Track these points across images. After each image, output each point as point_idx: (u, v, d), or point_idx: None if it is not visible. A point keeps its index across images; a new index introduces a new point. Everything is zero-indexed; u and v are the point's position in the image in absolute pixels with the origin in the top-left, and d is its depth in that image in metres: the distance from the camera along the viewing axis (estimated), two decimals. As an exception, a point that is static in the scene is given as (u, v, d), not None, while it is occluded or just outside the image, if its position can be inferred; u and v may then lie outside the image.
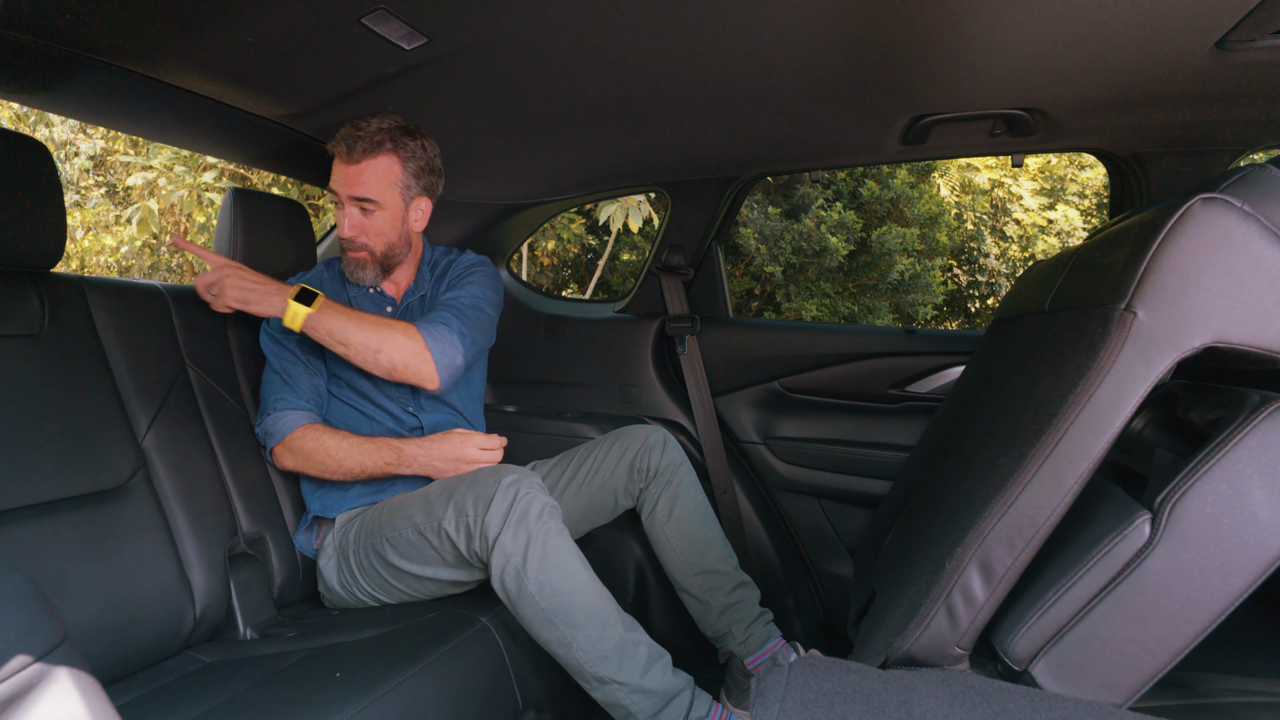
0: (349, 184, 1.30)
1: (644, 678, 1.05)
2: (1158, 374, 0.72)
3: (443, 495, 1.15)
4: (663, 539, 1.38)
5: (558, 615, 1.04)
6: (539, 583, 1.04)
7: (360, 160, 1.28)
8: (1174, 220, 0.72)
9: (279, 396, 1.29)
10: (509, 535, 1.05)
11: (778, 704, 0.73)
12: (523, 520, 1.06)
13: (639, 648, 1.07)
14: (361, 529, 1.26)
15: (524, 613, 1.06)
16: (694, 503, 1.40)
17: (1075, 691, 0.76)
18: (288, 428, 1.28)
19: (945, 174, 6.69)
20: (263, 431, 1.30)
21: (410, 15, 1.00)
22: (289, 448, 1.28)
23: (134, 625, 1.04)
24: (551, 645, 1.06)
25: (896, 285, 6.32)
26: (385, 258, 1.37)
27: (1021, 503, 0.77)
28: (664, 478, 1.39)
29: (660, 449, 1.41)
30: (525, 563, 1.04)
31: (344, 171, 1.30)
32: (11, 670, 0.50)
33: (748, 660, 1.31)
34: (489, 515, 1.07)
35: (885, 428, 1.68)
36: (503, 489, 1.08)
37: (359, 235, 1.32)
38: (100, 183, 5.84)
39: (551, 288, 6.81)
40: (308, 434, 1.28)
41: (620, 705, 1.05)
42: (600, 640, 1.04)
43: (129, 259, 5.73)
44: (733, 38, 1.04)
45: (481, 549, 1.08)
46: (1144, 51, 1.02)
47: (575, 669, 1.06)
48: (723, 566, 1.36)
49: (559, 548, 1.07)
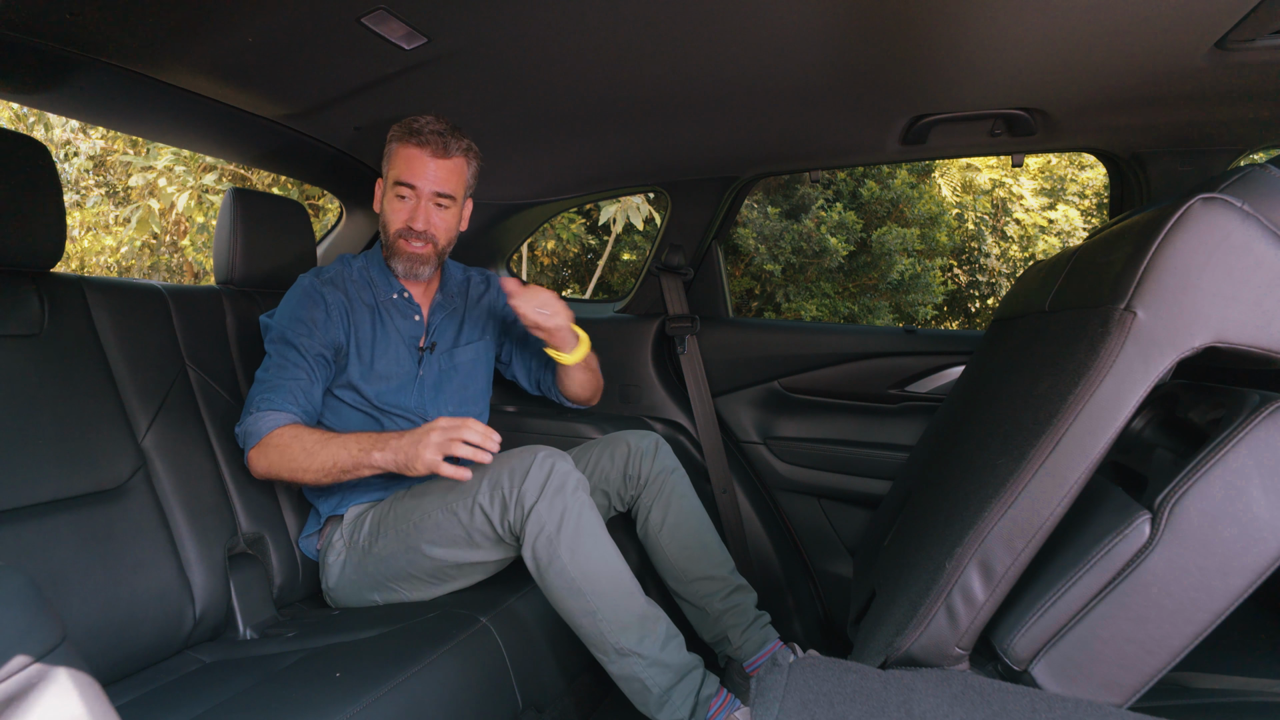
0: (438, 179, 1.32)
1: (662, 651, 1.08)
2: (1158, 374, 0.72)
3: (475, 473, 1.17)
4: (656, 547, 1.38)
5: (586, 584, 1.07)
6: (571, 551, 1.07)
7: (453, 157, 1.32)
8: (1174, 220, 0.72)
9: (265, 397, 1.22)
10: (545, 504, 1.09)
11: (777, 704, 0.73)
12: (559, 491, 1.10)
13: (659, 623, 1.10)
14: (376, 521, 1.26)
15: (551, 580, 1.09)
16: (687, 509, 1.39)
17: (1075, 691, 0.76)
18: (268, 427, 1.19)
19: (946, 174, 6.69)
20: (242, 432, 1.22)
21: (410, 15, 1.00)
22: (266, 447, 1.19)
23: (134, 625, 1.04)
24: (575, 615, 1.09)
25: (896, 285, 6.32)
26: (442, 253, 1.40)
27: (1021, 503, 0.77)
28: (656, 485, 1.39)
29: (652, 455, 1.40)
30: (560, 531, 1.08)
31: (434, 166, 1.31)
32: (11, 670, 0.50)
33: (746, 663, 1.31)
34: (525, 485, 1.10)
35: (885, 428, 1.68)
36: (539, 461, 1.12)
37: (430, 228, 1.35)
38: (100, 183, 5.84)
39: (552, 287, 6.80)
40: (285, 432, 1.19)
41: (637, 678, 1.08)
42: (625, 611, 1.08)
43: (129, 259, 5.73)
44: (732, 38, 1.04)
45: (516, 518, 1.11)
46: (1144, 51, 1.02)
47: (597, 639, 1.09)
48: (718, 572, 1.36)
49: (591, 520, 1.11)
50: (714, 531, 1.41)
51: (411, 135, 1.30)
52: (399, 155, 1.32)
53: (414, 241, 1.34)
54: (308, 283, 1.34)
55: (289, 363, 1.26)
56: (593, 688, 1.31)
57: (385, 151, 1.35)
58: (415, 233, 1.33)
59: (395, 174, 1.32)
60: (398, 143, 1.32)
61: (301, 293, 1.32)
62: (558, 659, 1.21)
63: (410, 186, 1.32)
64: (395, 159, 1.33)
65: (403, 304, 1.41)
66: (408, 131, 1.30)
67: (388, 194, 1.36)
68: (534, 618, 1.20)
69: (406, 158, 1.31)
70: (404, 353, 1.39)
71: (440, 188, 1.33)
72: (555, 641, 1.21)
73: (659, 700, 1.07)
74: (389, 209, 1.35)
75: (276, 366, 1.26)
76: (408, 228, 1.33)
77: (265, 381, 1.25)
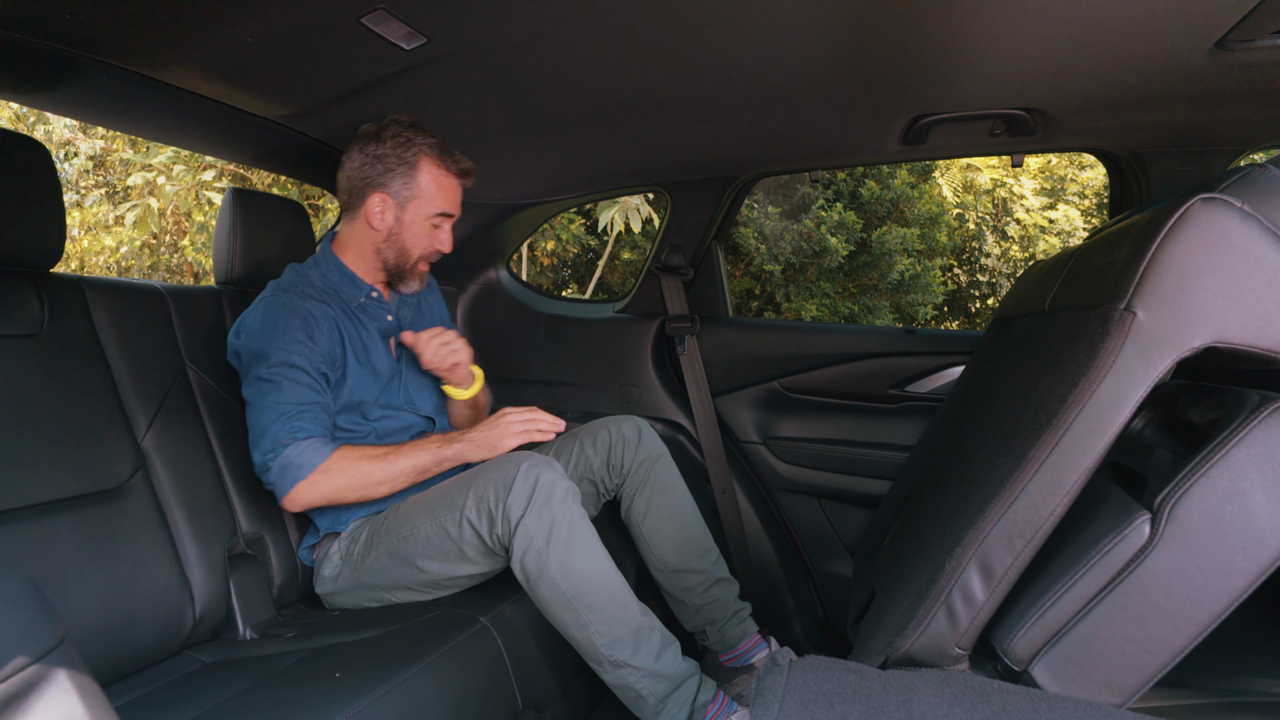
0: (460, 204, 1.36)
1: (657, 662, 1.07)
2: (1157, 374, 0.72)
3: (461, 487, 1.15)
4: (640, 536, 1.38)
5: (577, 597, 1.06)
6: (561, 565, 1.05)
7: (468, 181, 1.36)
8: (1174, 220, 0.72)
9: (295, 426, 1.16)
10: (532, 518, 1.06)
11: (777, 704, 0.72)
12: (547, 504, 1.07)
13: (653, 633, 1.09)
14: (372, 535, 1.24)
15: (542, 594, 1.07)
16: (671, 499, 1.37)
17: (1075, 691, 0.76)
18: (319, 458, 1.15)
19: (946, 174, 6.69)
20: (280, 467, 1.15)
21: (410, 15, 1.00)
22: (326, 473, 1.16)
23: (134, 625, 1.04)
24: (568, 627, 1.08)
25: (896, 285, 6.32)
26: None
27: (1021, 503, 0.77)
28: (640, 473, 1.38)
29: (635, 443, 1.38)
30: (549, 545, 1.06)
31: (459, 192, 1.35)
32: (10, 671, 0.50)
33: (722, 656, 1.32)
34: (510, 499, 1.08)
35: (885, 428, 1.68)
36: (523, 473, 1.09)
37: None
38: (100, 183, 5.84)
39: (551, 288, 6.80)
40: (349, 453, 1.18)
41: (632, 688, 1.07)
42: (617, 624, 1.06)
43: (129, 259, 5.73)
44: (733, 38, 1.04)
45: (504, 533, 1.09)
46: (1144, 51, 1.02)
47: (590, 651, 1.08)
48: (699, 564, 1.35)
49: (581, 531, 1.08)
50: (700, 521, 1.39)
51: (446, 157, 1.31)
52: (436, 180, 1.29)
53: (430, 261, 1.37)
54: (285, 300, 1.24)
55: (301, 385, 1.20)
56: (592, 688, 1.31)
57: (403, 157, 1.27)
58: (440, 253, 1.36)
59: (434, 203, 1.30)
60: (430, 161, 1.28)
61: (285, 311, 1.23)
62: (558, 659, 1.21)
63: (449, 216, 1.33)
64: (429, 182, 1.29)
65: (372, 304, 1.37)
66: (442, 152, 1.29)
67: (417, 217, 1.30)
68: (534, 618, 1.20)
69: (446, 187, 1.31)
70: (385, 351, 1.38)
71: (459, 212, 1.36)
72: (555, 641, 1.21)
73: (654, 709, 1.07)
74: (418, 231, 1.31)
75: (289, 390, 1.19)
76: (436, 251, 1.34)
77: (280, 407, 1.17)
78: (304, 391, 1.20)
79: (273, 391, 1.18)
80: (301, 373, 1.20)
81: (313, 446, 1.16)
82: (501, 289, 2.11)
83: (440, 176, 1.30)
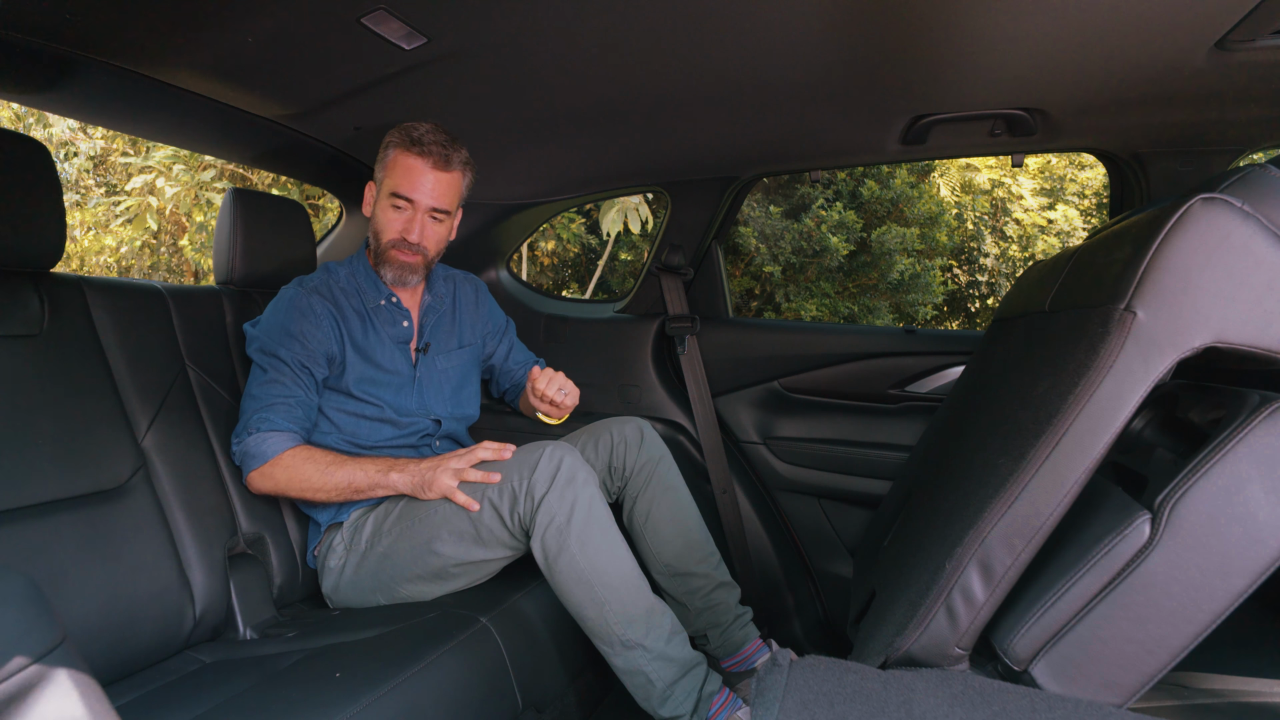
0: (436, 194, 1.31)
1: (668, 645, 1.09)
2: (1158, 374, 0.72)
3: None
4: (641, 540, 1.37)
5: (594, 575, 1.08)
6: (581, 542, 1.08)
7: (452, 170, 1.32)
8: (1174, 220, 0.72)
9: (263, 416, 1.22)
10: (555, 496, 1.09)
11: (777, 704, 0.72)
12: (570, 483, 1.10)
13: (665, 617, 1.11)
14: (377, 523, 1.25)
15: (560, 571, 1.09)
16: (673, 502, 1.37)
17: (1075, 692, 0.76)
18: (273, 451, 1.21)
19: (945, 174, 6.69)
20: (241, 452, 1.22)
21: (410, 15, 1.00)
22: (274, 467, 1.21)
23: (134, 625, 1.04)
24: (583, 606, 1.09)
25: (896, 285, 6.32)
26: (431, 262, 1.41)
27: (1021, 503, 0.77)
28: (642, 476, 1.37)
29: (637, 445, 1.38)
30: (570, 522, 1.08)
31: (433, 179, 1.30)
32: (10, 671, 0.50)
33: (724, 661, 1.32)
34: (535, 477, 1.11)
35: (885, 428, 1.68)
36: (548, 454, 1.13)
37: (423, 240, 1.34)
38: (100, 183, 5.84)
39: (551, 288, 6.80)
40: (297, 453, 1.22)
41: (641, 672, 1.08)
42: (631, 604, 1.08)
43: (129, 259, 5.73)
44: (733, 38, 1.04)
45: (525, 510, 1.12)
46: (1144, 51, 1.02)
47: (603, 631, 1.09)
48: (701, 569, 1.34)
49: (601, 512, 1.12)
50: (701, 525, 1.39)
51: (412, 144, 1.29)
52: (398, 163, 1.30)
53: (406, 252, 1.34)
54: (293, 293, 1.31)
55: (282, 378, 1.25)
56: (593, 688, 1.31)
57: (381, 155, 1.33)
58: (409, 244, 1.33)
59: (393, 184, 1.31)
60: (397, 150, 1.30)
61: (288, 304, 1.29)
62: (558, 659, 1.21)
63: (408, 200, 1.31)
64: (393, 167, 1.31)
65: (391, 309, 1.40)
66: (408, 140, 1.29)
67: (382, 201, 1.34)
68: (534, 618, 1.20)
69: (406, 168, 1.30)
70: (398, 355, 1.39)
71: (438, 203, 1.32)
72: (555, 641, 1.21)
73: (662, 695, 1.08)
74: (383, 218, 1.34)
75: (269, 382, 1.25)
76: (402, 239, 1.33)
77: (259, 398, 1.24)
78: (283, 384, 1.25)
79: (257, 378, 1.27)
80: (285, 366, 1.26)
81: (272, 439, 1.22)
82: (501, 289, 2.12)
83: (403, 156, 1.30)
